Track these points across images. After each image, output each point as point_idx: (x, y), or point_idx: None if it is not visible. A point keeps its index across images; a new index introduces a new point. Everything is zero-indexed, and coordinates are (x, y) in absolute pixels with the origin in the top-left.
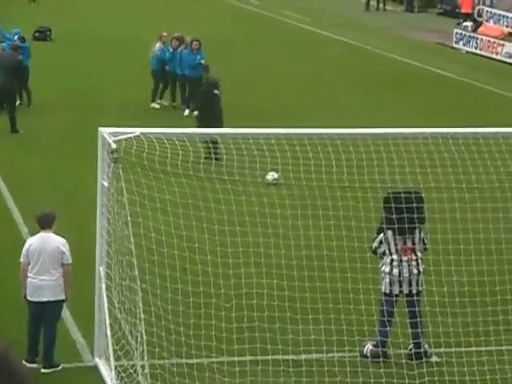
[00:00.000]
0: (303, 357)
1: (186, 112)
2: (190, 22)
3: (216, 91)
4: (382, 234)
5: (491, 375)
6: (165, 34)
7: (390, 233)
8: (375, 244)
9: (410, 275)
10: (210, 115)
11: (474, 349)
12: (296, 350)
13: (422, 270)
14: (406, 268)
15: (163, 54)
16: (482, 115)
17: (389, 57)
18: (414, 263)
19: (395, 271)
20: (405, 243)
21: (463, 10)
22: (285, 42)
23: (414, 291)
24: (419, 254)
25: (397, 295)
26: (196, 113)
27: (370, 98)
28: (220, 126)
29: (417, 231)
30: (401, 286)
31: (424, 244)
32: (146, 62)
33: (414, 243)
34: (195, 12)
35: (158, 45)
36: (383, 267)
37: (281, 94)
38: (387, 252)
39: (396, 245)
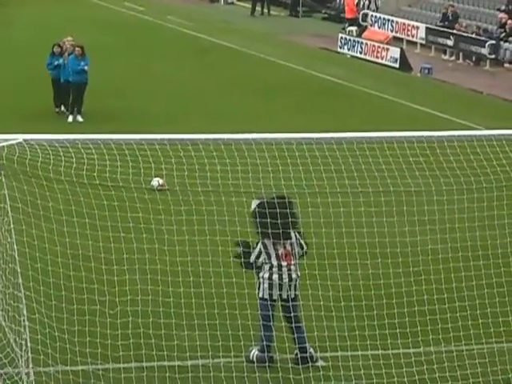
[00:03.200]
0: (189, 363)
1: (70, 118)
2: (73, 29)
3: None
4: (259, 245)
5: (378, 379)
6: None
7: (267, 240)
8: (253, 257)
9: (289, 280)
10: None
11: (360, 353)
12: (182, 356)
13: (299, 274)
14: (285, 273)
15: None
16: (367, 119)
17: (272, 61)
18: (292, 268)
19: (275, 276)
20: (284, 248)
21: (348, 15)
22: (169, 47)
23: (292, 296)
24: (297, 258)
25: (275, 300)
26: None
27: (254, 103)
28: None
29: (293, 235)
30: (280, 290)
31: (302, 248)
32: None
33: (292, 248)
34: (77, 18)
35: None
36: (262, 273)
37: (165, 99)
38: (266, 259)
39: (276, 250)
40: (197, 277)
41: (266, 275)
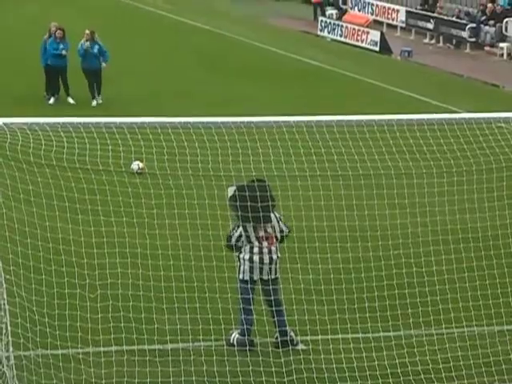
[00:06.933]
0: (169, 346)
1: (51, 100)
2: (52, 12)
3: None
4: (239, 229)
5: (358, 362)
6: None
7: (248, 225)
8: (233, 240)
9: (270, 262)
10: None
11: (340, 336)
12: (162, 340)
13: (279, 255)
14: (266, 255)
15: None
16: (347, 103)
17: (253, 44)
18: (273, 249)
19: (256, 258)
20: (265, 231)
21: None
22: (149, 30)
23: (273, 277)
24: (277, 241)
25: (255, 282)
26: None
27: (235, 86)
28: None
29: (273, 218)
30: (261, 272)
31: (282, 232)
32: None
33: (274, 230)
34: (57, 4)
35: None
36: (242, 254)
37: (143, 83)
38: (246, 242)
39: (256, 233)
40: (177, 260)
41: (247, 256)
